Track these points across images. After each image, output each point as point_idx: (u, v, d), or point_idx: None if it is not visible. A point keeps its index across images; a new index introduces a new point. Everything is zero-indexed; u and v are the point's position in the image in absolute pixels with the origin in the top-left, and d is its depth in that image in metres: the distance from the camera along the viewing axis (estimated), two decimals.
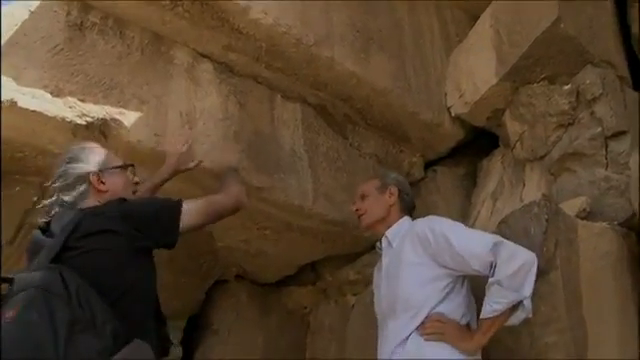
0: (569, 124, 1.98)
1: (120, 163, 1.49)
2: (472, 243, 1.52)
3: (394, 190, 1.79)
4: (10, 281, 1.16)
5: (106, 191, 1.40)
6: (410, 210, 1.82)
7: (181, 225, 1.36)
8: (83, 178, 1.38)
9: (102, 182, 1.40)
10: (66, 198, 1.36)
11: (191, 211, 1.39)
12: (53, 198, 1.37)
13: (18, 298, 1.10)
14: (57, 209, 1.36)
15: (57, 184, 1.38)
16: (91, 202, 1.37)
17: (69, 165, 1.40)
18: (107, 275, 1.22)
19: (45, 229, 1.34)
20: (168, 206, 1.39)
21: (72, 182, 1.37)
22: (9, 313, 1.09)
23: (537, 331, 1.57)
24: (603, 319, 1.59)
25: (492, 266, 1.47)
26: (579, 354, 1.51)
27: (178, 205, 1.38)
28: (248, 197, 2.14)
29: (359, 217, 1.81)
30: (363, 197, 1.81)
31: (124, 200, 1.36)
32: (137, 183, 1.53)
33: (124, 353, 1.10)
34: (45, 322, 1.06)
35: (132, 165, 1.53)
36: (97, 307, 1.13)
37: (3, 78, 1.66)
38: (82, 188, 1.37)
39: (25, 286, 1.12)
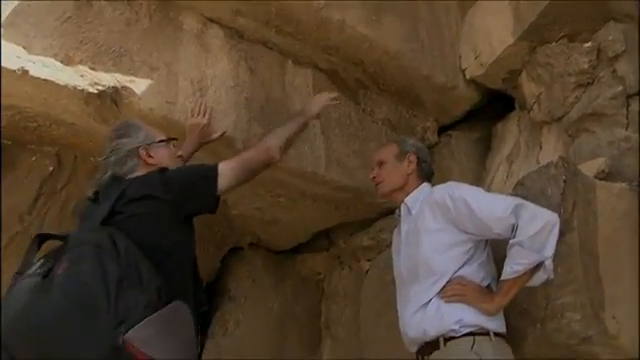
0: (588, 83, 1.92)
1: (165, 137, 1.57)
2: (492, 207, 1.51)
3: (413, 158, 1.76)
4: (64, 239, 1.25)
5: (155, 164, 1.48)
6: (429, 177, 1.80)
7: (218, 189, 1.43)
8: (133, 152, 1.47)
9: (150, 156, 1.48)
10: (119, 171, 1.44)
11: (225, 173, 1.45)
12: (108, 173, 1.45)
13: (70, 254, 1.18)
14: (108, 181, 1.44)
15: (111, 159, 1.46)
16: (139, 174, 1.45)
17: (120, 140, 1.48)
18: (151, 237, 1.29)
19: (94, 199, 1.43)
20: (204, 172, 1.45)
21: (123, 156, 1.45)
22: (61, 267, 1.16)
23: (553, 292, 1.57)
24: (620, 279, 1.58)
25: (514, 228, 1.46)
26: (595, 313, 1.51)
27: (214, 170, 1.44)
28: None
29: (376, 185, 1.79)
30: (380, 164, 1.78)
31: (164, 169, 1.43)
32: (181, 156, 1.64)
33: (167, 310, 1.16)
34: (98, 275, 1.12)
35: (176, 139, 1.62)
36: (143, 266, 1.20)
37: (13, 47, 1.64)
38: (133, 162, 1.46)
39: (78, 243, 1.20)
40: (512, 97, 2.41)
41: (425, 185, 1.75)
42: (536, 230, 1.44)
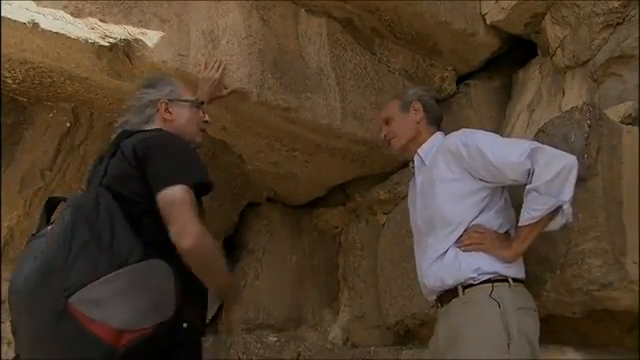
0: (618, 24, 1.83)
1: (192, 98, 1.53)
2: (507, 152, 1.47)
3: (418, 106, 1.72)
4: (65, 200, 1.27)
5: (171, 120, 1.45)
6: (438, 122, 1.75)
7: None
8: (153, 104, 1.45)
9: (169, 111, 1.46)
10: (134, 119, 1.44)
11: None
12: (124, 117, 1.45)
13: (60, 215, 1.21)
14: (126, 128, 1.42)
15: (132, 106, 1.46)
16: (154, 126, 1.43)
17: (145, 90, 1.47)
18: (132, 189, 1.26)
19: (101, 157, 1.43)
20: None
21: (142, 105, 1.44)
22: (50, 228, 1.20)
23: (574, 238, 1.55)
24: None
25: (530, 173, 1.43)
26: (617, 259, 1.49)
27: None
28: (274, 117, 2.14)
29: (389, 142, 1.76)
30: (388, 121, 1.76)
31: (159, 140, 1.33)
32: (207, 122, 1.57)
33: (133, 269, 1.11)
34: (66, 237, 1.12)
35: (202, 103, 1.58)
36: (118, 226, 1.15)
37: None
38: (149, 112, 1.44)
39: (67, 206, 1.21)
40: (534, 43, 2.32)
41: (438, 134, 1.72)
42: (553, 174, 1.40)
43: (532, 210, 1.43)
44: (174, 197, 1.21)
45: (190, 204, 1.23)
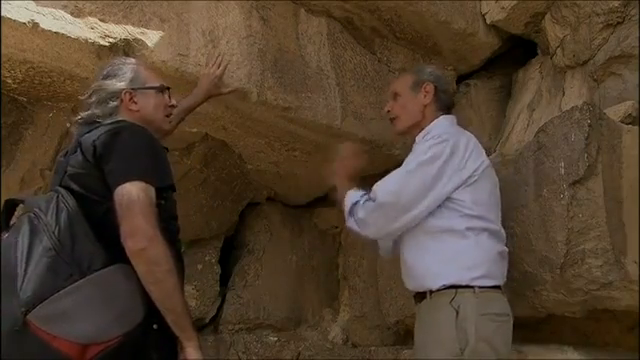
0: (618, 23, 1.83)
1: (157, 84, 1.42)
2: (393, 177, 1.56)
3: (429, 88, 1.61)
4: (23, 202, 1.19)
5: (137, 110, 1.36)
6: (448, 108, 1.66)
7: None
8: (116, 94, 1.35)
9: (134, 101, 1.36)
10: (97, 112, 1.33)
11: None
12: (88, 112, 1.35)
13: (17, 222, 1.14)
14: (81, 129, 1.33)
15: (93, 99, 1.35)
16: (119, 118, 1.34)
17: (104, 81, 1.37)
18: (94, 188, 1.18)
19: (66, 151, 1.34)
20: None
21: (104, 97, 1.34)
22: (4, 235, 1.13)
23: (574, 239, 1.55)
24: None
25: (370, 198, 1.55)
26: (617, 259, 1.49)
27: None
28: (274, 117, 2.14)
29: (391, 121, 1.70)
30: (395, 96, 1.67)
31: (119, 134, 1.22)
32: (173, 106, 1.47)
33: (95, 278, 1.06)
34: (24, 247, 1.07)
35: (168, 88, 1.46)
36: (80, 232, 1.10)
37: None
38: (113, 104, 1.34)
39: (24, 210, 1.14)
40: (534, 42, 2.32)
41: (440, 119, 1.61)
42: (364, 215, 1.55)
43: (352, 196, 1.62)
44: (127, 194, 1.12)
45: (145, 203, 1.13)
